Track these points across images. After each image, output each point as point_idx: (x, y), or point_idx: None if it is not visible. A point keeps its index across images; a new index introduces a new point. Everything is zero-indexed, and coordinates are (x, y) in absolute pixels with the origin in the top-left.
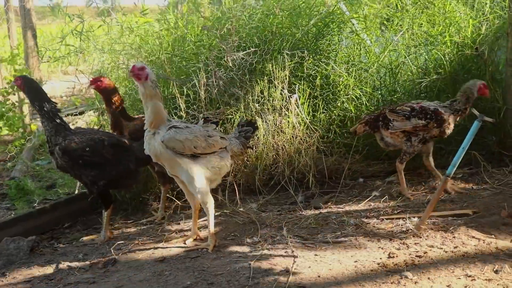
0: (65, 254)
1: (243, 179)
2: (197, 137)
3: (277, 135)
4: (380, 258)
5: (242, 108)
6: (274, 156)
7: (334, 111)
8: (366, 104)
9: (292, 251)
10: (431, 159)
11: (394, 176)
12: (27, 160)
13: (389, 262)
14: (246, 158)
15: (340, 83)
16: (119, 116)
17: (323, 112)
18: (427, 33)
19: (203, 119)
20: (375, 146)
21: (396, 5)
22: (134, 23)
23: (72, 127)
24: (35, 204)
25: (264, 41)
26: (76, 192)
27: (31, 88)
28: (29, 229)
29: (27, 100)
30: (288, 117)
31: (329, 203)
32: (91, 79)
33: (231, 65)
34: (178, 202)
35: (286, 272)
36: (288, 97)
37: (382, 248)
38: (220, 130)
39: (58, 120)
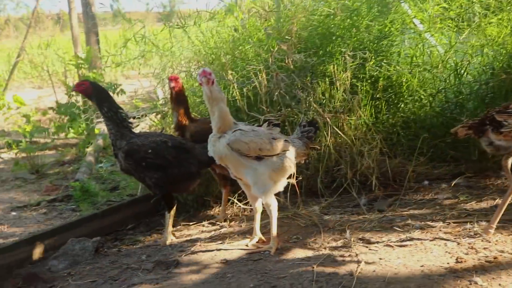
0: (128, 255)
1: (305, 182)
2: (262, 139)
3: (339, 137)
4: (448, 263)
5: (304, 110)
6: (336, 158)
7: (397, 113)
8: (430, 105)
9: (356, 255)
10: (510, 160)
11: (460, 179)
12: (91, 163)
13: (457, 267)
14: (308, 160)
15: (403, 84)
16: (184, 116)
17: (385, 114)
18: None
19: (267, 122)
20: (440, 148)
21: (461, 4)
22: (195, 27)
23: (134, 130)
24: (100, 206)
25: (325, 42)
26: (139, 194)
27: (99, 92)
28: (94, 230)
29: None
30: (350, 119)
31: (393, 206)
32: (171, 76)
33: (292, 66)
34: (240, 204)
35: (350, 276)
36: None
37: (449, 253)
38: (282, 133)
39: (124, 124)
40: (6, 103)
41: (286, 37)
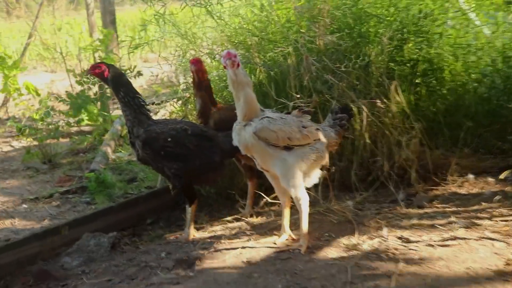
0: (147, 252)
1: (338, 174)
2: (291, 128)
3: (374, 125)
4: (496, 265)
5: (336, 95)
6: (372, 149)
7: (439, 100)
8: (474, 91)
9: (394, 255)
10: None
11: (508, 172)
12: (107, 152)
13: (507, 270)
14: (340, 150)
15: (445, 68)
16: (208, 101)
17: (426, 101)
18: None
19: (297, 109)
20: (486, 138)
21: None
22: (219, 5)
23: (153, 117)
24: (116, 198)
25: (360, 23)
26: (158, 186)
27: (115, 75)
28: (110, 224)
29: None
30: (387, 106)
31: (434, 202)
32: (192, 59)
33: (323, 49)
34: (267, 198)
35: (388, 277)
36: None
37: (497, 254)
38: (313, 120)
39: (142, 110)
40: (17, 87)
41: (318, 17)
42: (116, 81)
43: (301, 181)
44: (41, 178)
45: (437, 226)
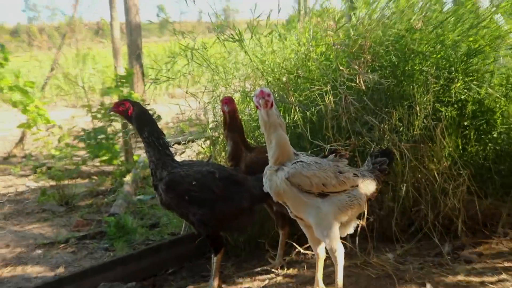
0: None
1: (377, 224)
2: (326, 173)
3: (418, 171)
4: None
5: (377, 138)
6: (415, 196)
7: (489, 144)
8: None
9: None
10: None
11: None
12: (128, 195)
13: None
14: (381, 198)
15: (497, 109)
16: (240, 144)
17: (475, 145)
18: None
19: (334, 153)
20: None
21: None
22: (252, 40)
23: (178, 158)
24: (137, 245)
25: (404, 60)
26: (182, 232)
27: (140, 113)
28: (129, 273)
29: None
30: (432, 150)
31: (483, 256)
32: (224, 98)
33: (363, 88)
34: (300, 248)
35: None
36: None
37: None
38: (351, 165)
39: (167, 152)
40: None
41: (358, 53)
42: (141, 120)
43: (336, 231)
44: (57, 221)
45: (487, 284)
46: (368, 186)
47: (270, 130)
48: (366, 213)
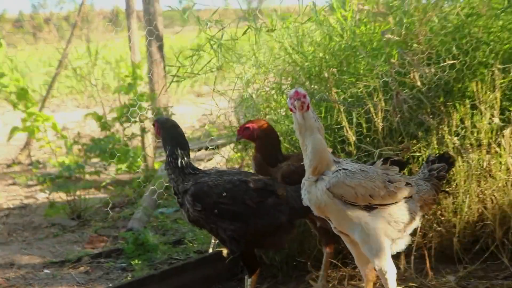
0: None
1: (436, 241)
2: (374, 183)
3: (483, 180)
4: None
5: (435, 142)
6: (480, 210)
7: None
8: None
9: None
10: None
11: None
12: (149, 207)
13: None
14: (439, 211)
15: None
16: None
17: None
18: None
19: (383, 159)
20: None
21: None
22: (289, 29)
23: (205, 165)
24: (158, 264)
25: (465, 51)
26: (211, 250)
27: (165, 131)
28: None
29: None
30: (500, 157)
31: None
32: (251, 124)
33: (419, 84)
34: (345, 269)
35: None
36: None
37: None
38: (404, 173)
39: (185, 171)
40: (43, 125)
41: (412, 43)
42: (164, 137)
43: (386, 249)
44: (68, 237)
45: None
46: (423, 197)
47: (305, 135)
48: (420, 228)
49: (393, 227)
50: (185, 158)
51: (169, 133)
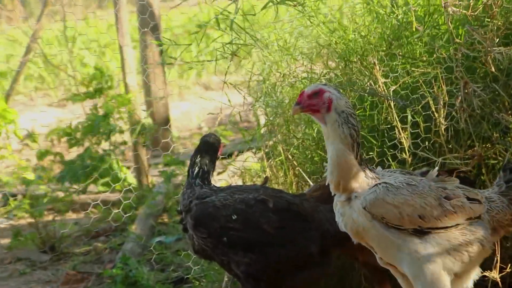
0: None
1: None
2: (425, 199)
3: None
4: None
5: None
6: None
7: None
8: None
9: None
10: None
11: None
12: (143, 235)
13: None
14: None
15: None
16: None
17: None
18: None
19: (437, 168)
20: None
21: None
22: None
23: (216, 179)
24: None
25: None
26: None
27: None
28: None
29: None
30: None
31: None
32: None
33: (493, 70)
34: None
35: None
36: None
37: None
38: (472, 185)
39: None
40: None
41: (483, 18)
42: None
43: (446, 286)
44: (38, 275)
45: None
46: (497, 217)
47: (327, 142)
48: (498, 259)
49: (454, 258)
50: (205, 167)
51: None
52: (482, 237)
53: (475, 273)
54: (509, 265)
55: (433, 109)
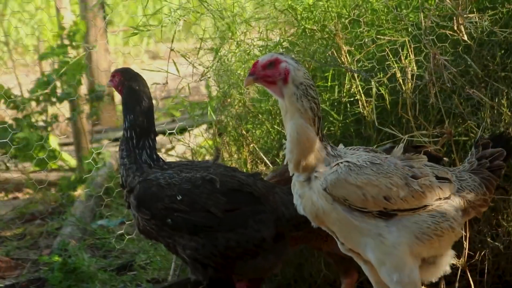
0: None
1: (489, 262)
2: (391, 179)
3: None
4: None
5: (489, 122)
6: None
7: None
8: None
9: None
10: None
11: None
12: (83, 219)
13: None
14: (495, 218)
15: None
16: None
17: None
18: None
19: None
20: None
21: None
22: None
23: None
24: None
25: None
26: (171, 278)
27: (127, 92)
28: None
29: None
30: None
31: None
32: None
33: (465, 39)
34: None
35: None
36: None
37: None
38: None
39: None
40: None
41: None
42: (125, 104)
43: (414, 272)
44: None
45: None
46: (468, 197)
47: (285, 117)
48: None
49: (422, 242)
50: (150, 141)
51: (135, 94)
52: (452, 219)
53: (449, 257)
54: (479, 252)
55: (400, 81)
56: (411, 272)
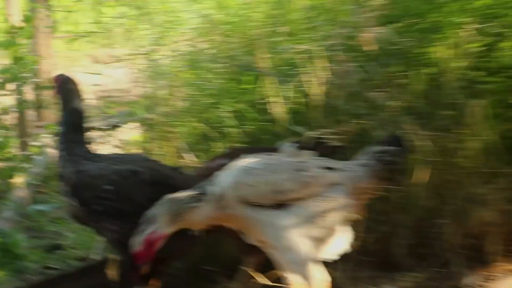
0: None
1: (377, 245)
2: (281, 176)
3: (439, 169)
4: None
5: (387, 121)
6: (432, 206)
7: None
8: None
9: None
10: None
11: None
12: (22, 204)
13: None
14: (383, 208)
15: None
16: None
17: None
18: None
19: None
20: None
21: None
22: None
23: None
24: (30, 275)
25: (432, 8)
26: (97, 257)
27: (61, 89)
28: None
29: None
30: (461, 139)
31: None
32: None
33: (367, 49)
34: (267, 279)
35: None
36: None
37: None
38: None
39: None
40: None
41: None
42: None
43: (305, 252)
44: None
45: None
46: (357, 185)
47: None
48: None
49: (315, 224)
50: (84, 135)
51: (69, 94)
52: (342, 203)
53: (347, 235)
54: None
55: (310, 85)
56: (302, 251)
